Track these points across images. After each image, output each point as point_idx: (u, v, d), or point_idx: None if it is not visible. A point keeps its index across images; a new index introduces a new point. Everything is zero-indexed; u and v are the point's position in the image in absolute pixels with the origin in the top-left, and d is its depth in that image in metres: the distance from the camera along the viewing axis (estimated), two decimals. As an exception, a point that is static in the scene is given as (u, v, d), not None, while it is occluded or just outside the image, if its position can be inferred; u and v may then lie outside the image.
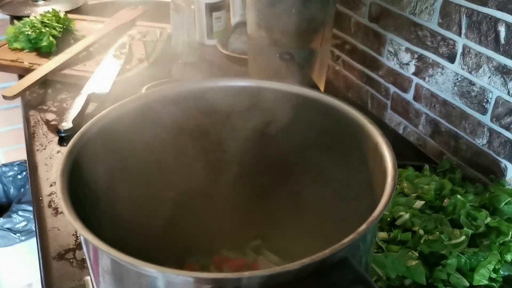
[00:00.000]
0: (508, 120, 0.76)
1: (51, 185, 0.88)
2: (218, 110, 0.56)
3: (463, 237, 0.61)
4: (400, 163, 0.79)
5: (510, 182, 0.78)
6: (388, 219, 0.67)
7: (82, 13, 1.52)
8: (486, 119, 0.80)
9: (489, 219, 0.66)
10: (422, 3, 0.87)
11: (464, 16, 0.79)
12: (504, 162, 0.79)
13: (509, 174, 0.79)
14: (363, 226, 0.37)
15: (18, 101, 1.16)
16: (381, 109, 1.05)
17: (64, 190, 0.41)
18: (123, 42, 1.28)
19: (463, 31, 0.80)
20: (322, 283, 0.35)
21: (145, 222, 0.54)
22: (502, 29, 0.74)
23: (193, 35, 1.29)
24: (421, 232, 0.63)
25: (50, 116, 1.08)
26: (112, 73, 1.15)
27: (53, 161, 0.95)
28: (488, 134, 0.81)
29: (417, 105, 0.95)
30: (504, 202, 0.70)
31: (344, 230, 0.38)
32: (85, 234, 0.36)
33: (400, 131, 1.02)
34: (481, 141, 0.82)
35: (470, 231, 0.64)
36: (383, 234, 0.65)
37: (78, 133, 0.48)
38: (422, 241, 0.62)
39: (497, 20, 0.74)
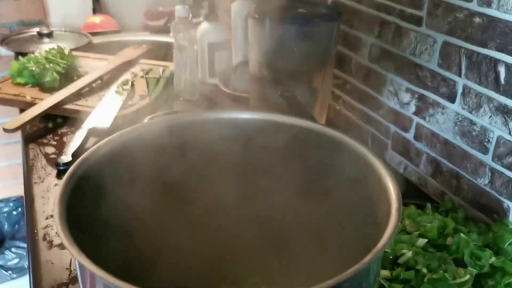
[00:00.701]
0: (510, 159, 0.76)
1: (47, 218, 0.87)
2: (216, 142, 0.55)
3: (467, 276, 0.60)
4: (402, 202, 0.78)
5: (513, 223, 0.77)
6: (391, 257, 0.66)
7: (86, 51, 1.55)
8: (487, 158, 0.80)
9: (493, 259, 0.64)
10: (422, 44, 0.89)
11: (464, 57, 0.81)
12: (507, 202, 0.78)
13: (512, 215, 0.78)
14: (368, 257, 0.36)
15: (17, 136, 1.16)
16: (381, 149, 1.05)
17: (61, 216, 0.40)
18: (125, 79, 1.30)
19: (463, 71, 0.81)
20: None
21: (136, 256, 0.53)
22: (502, 70, 0.75)
23: (195, 73, 1.31)
24: (425, 270, 0.62)
25: (50, 150, 1.08)
26: (113, 108, 1.15)
27: (50, 194, 0.94)
28: (490, 174, 0.80)
29: (417, 145, 0.95)
30: (508, 242, 0.69)
31: (349, 265, 0.36)
32: (79, 258, 0.35)
33: (401, 171, 1.01)
34: (483, 181, 0.82)
35: (475, 271, 0.62)
36: (385, 273, 0.63)
37: (80, 159, 0.47)
38: (425, 280, 0.60)
39: (496, 61, 0.75)
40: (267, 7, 1.03)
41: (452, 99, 0.85)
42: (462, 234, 0.67)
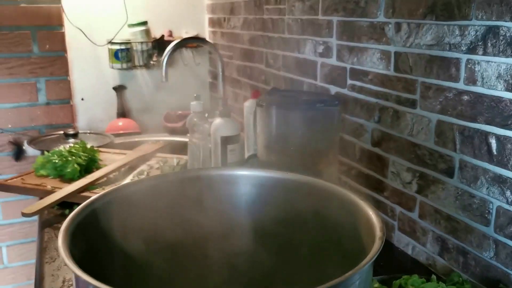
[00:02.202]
0: (511, 229, 0.77)
1: (54, 294, 0.88)
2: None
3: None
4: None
5: (523, 296, 0.75)
6: (394, 322, 0.64)
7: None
8: (490, 230, 0.81)
9: (500, 323, 0.62)
10: (418, 125, 0.94)
11: (457, 132, 0.85)
12: (514, 274, 0.77)
13: (522, 287, 0.76)
14: (351, 272, 0.37)
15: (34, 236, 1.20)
16: (389, 231, 1.06)
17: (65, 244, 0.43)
18: (142, 169, 1.36)
19: (458, 146, 0.85)
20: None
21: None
22: (493, 141, 0.78)
23: (208, 164, 1.37)
24: (428, 333, 0.60)
25: (64, 233, 1.11)
26: (128, 194, 1.20)
27: (60, 272, 0.95)
28: (494, 246, 0.80)
29: (423, 223, 0.96)
30: (517, 311, 0.67)
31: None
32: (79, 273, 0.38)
33: (409, 252, 1.01)
34: (488, 254, 0.81)
35: (481, 335, 0.61)
36: (388, 337, 0.62)
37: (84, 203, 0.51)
38: None
39: (487, 134, 0.79)
40: (273, 98, 1.12)
41: (450, 174, 0.88)
42: (466, 299, 0.66)
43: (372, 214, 0.47)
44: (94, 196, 0.52)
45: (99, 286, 0.37)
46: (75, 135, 1.81)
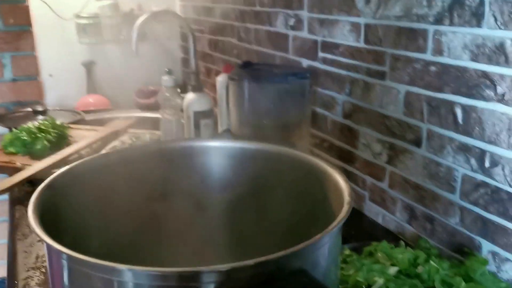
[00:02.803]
0: (475, 195, 0.80)
1: (27, 270, 0.87)
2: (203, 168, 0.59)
3: (436, 296, 0.61)
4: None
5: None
6: (363, 286, 0.67)
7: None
8: (455, 197, 0.84)
9: (464, 284, 0.65)
10: (387, 96, 0.96)
11: (425, 103, 0.87)
12: (478, 239, 0.80)
13: (484, 251, 0.79)
14: (319, 235, 0.38)
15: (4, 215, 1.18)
16: (360, 201, 1.08)
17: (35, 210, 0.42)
18: (114, 145, 1.35)
19: (425, 116, 0.87)
20: (278, 286, 0.36)
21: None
22: (458, 111, 0.81)
23: (181, 139, 1.36)
24: (396, 295, 0.63)
25: (36, 210, 1.10)
26: (100, 170, 1.19)
27: (32, 249, 0.95)
28: (459, 212, 0.83)
29: (392, 193, 0.99)
30: (480, 273, 0.71)
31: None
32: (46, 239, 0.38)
33: (379, 221, 1.04)
34: (454, 220, 0.85)
35: (446, 296, 0.63)
36: (358, 300, 0.64)
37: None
38: (397, 304, 0.61)
39: (453, 104, 0.81)
40: (245, 71, 1.12)
41: (418, 144, 0.90)
42: (432, 262, 0.69)
43: (340, 180, 0.49)
44: (65, 167, 0.52)
45: (72, 255, 0.38)
46: (44, 112, 1.77)
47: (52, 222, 0.46)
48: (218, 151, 0.58)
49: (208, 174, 0.58)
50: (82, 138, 1.43)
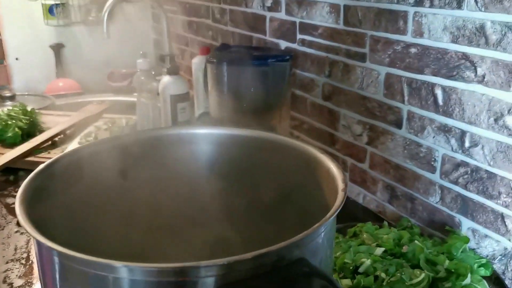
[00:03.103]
0: (455, 175, 0.81)
1: (7, 262, 0.85)
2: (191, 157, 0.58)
3: (423, 275, 0.62)
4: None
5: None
6: (351, 267, 0.68)
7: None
8: (436, 177, 0.85)
9: (447, 262, 0.67)
10: (368, 78, 0.96)
11: (405, 84, 0.88)
12: (458, 217, 0.82)
13: (464, 228, 0.82)
14: (318, 224, 0.38)
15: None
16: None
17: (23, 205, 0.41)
18: (89, 131, 1.32)
19: (406, 98, 0.88)
20: (279, 276, 0.36)
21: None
22: (439, 92, 0.82)
23: (158, 123, 1.34)
24: (383, 275, 0.64)
25: (10, 200, 1.07)
26: (76, 157, 1.16)
27: (10, 240, 0.92)
28: (439, 191, 0.85)
29: (373, 173, 1.00)
30: (461, 250, 0.72)
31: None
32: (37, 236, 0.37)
33: (360, 201, 1.05)
34: (434, 199, 0.86)
35: (431, 274, 0.65)
36: (346, 281, 0.65)
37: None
38: (384, 284, 0.63)
39: (433, 85, 0.82)
40: (223, 54, 1.10)
41: (399, 125, 0.91)
42: (416, 242, 0.70)
43: (332, 166, 0.48)
44: (51, 159, 0.50)
45: (66, 252, 0.36)
46: (12, 97, 1.71)
47: (39, 216, 0.45)
48: (206, 138, 0.57)
49: (196, 162, 0.57)
50: (55, 124, 1.39)
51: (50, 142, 1.29)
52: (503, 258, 0.75)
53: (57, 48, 2.01)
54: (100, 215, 0.53)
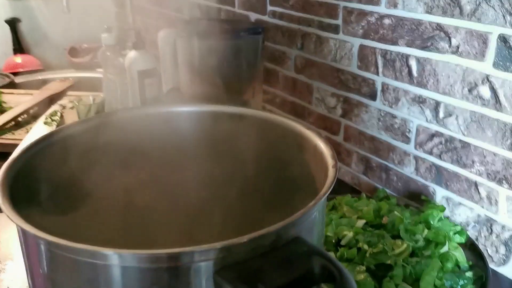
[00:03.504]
0: (430, 145, 0.83)
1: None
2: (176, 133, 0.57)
3: (405, 245, 0.63)
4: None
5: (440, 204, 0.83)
6: (333, 240, 0.68)
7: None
8: (410, 147, 0.87)
9: (426, 231, 0.69)
10: (341, 50, 0.96)
11: (379, 56, 0.88)
12: (432, 186, 0.84)
13: (438, 197, 0.84)
14: (312, 202, 0.38)
15: None
16: (314, 155, 1.10)
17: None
18: (54, 110, 1.27)
19: (380, 70, 0.88)
20: (278, 256, 0.35)
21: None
22: (413, 63, 0.82)
23: (126, 101, 1.31)
24: (366, 247, 0.65)
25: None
26: (43, 138, 1.12)
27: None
28: (414, 162, 0.87)
29: (348, 145, 1.01)
30: (438, 219, 0.74)
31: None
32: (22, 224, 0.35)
33: (335, 173, 1.06)
34: (409, 169, 0.88)
35: (411, 244, 0.66)
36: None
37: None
38: (367, 255, 0.64)
39: (408, 56, 0.83)
40: (194, 28, 1.07)
41: (373, 97, 0.92)
42: (396, 212, 0.71)
43: (320, 142, 0.48)
44: (33, 141, 0.48)
45: (55, 241, 0.35)
46: (-33, 76, 1.63)
47: (22, 200, 0.43)
48: (189, 116, 0.55)
49: (182, 141, 0.55)
50: (17, 103, 1.33)
51: (13, 123, 1.23)
52: (476, 225, 0.78)
53: (13, 23, 1.91)
54: (87, 196, 0.52)
